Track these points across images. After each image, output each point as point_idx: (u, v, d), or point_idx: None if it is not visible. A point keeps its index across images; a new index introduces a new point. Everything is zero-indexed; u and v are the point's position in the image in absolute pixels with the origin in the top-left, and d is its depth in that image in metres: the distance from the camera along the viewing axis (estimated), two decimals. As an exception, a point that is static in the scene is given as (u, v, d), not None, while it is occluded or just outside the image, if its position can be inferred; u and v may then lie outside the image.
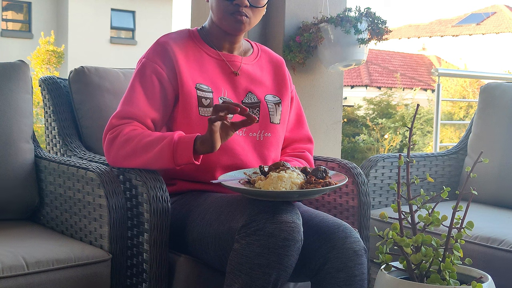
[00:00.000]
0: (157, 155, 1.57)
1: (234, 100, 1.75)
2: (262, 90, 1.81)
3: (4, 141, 1.82)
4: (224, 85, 1.75)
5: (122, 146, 1.61)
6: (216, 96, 1.72)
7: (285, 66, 1.91)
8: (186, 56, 1.72)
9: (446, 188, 1.40)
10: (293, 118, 1.90)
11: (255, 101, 1.78)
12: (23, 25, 17.79)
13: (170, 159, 1.55)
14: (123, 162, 1.63)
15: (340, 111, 3.31)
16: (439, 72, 4.04)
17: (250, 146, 1.74)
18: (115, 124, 1.65)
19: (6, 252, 1.49)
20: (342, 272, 1.48)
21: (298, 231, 1.42)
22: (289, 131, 1.89)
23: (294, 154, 1.86)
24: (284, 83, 1.86)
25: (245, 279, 1.39)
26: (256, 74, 1.81)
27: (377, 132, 11.25)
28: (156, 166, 1.60)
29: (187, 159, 1.54)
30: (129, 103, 1.67)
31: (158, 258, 1.57)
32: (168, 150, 1.55)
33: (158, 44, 1.74)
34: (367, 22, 2.92)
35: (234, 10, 1.69)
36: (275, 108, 1.80)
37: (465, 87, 13.89)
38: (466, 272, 1.41)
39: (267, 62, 1.88)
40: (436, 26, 23.88)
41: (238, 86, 1.77)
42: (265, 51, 1.90)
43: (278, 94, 1.83)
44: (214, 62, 1.76)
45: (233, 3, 1.68)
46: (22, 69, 1.92)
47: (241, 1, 1.68)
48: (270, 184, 1.46)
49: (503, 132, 2.45)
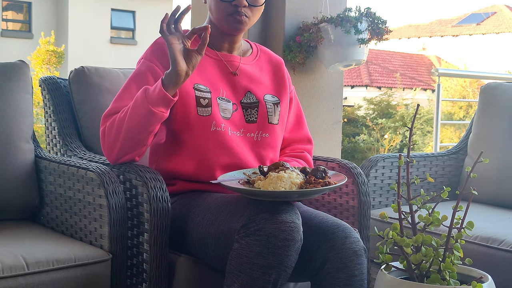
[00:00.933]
0: (133, 109, 1.59)
1: (233, 101, 1.75)
2: (261, 89, 1.81)
3: (4, 141, 1.82)
4: (222, 85, 1.75)
5: (110, 129, 1.63)
6: (214, 96, 1.72)
7: (284, 66, 1.91)
8: None
9: (446, 188, 1.40)
10: (293, 118, 1.90)
11: (254, 100, 1.78)
12: (23, 25, 17.80)
13: (144, 102, 1.57)
14: (116, 143, 1.63)
15: (340, 111, 3.31)
16: (439, 72, 4.04)
17: (248, 146, 1.74)
18: (103, 122, 1.66)
19: (6, 252, 1.49)
20: (342, 272, 1.48)
21: (298, 231, 1.42)
22: (289, 132, 1.89)
23: (293, 155, 1.86)
24: (283, 84, 1.86)
25: (245, 279, 1.39)
26: (255, 74, 1.81)
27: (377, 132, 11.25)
28: (136, 119, 1.59)
29: (158, 92, 1.56)
30: (119, 99, 1.68)
31: (158, 258, 1.57)
32: (140, 96, 1.59)
33: (156, 44, 1.74)
34: (367, 22, 2.92)
35: (233, 10, 1.69)
36: (274, 108, 1.80)
37: (465, 87, 13.90)
38: (466, 272, 1.41)
39: (267, 63, 1.87)
40: (436, 26, 23.88)
41: (237, 86, 1.77)
42: (264, 52, 1.90)
43: (277, 94, 1.83)
44: (212, 62, 1.76)
45: (232, 4, 1.68)
46: (22, 69, 1.92)
47: (239, 1, 1.68)
48: (269, 184, 1.46)
49: (503, 132, 2.45)
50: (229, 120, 1.72)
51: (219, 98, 1.73)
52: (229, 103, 1.74)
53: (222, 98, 1.73)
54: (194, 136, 1.69)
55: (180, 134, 1.70)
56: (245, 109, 1.76)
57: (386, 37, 2.96)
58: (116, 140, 1.62)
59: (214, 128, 1.68)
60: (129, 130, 1.60)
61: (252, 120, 1.76)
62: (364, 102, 12.59)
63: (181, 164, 1.71)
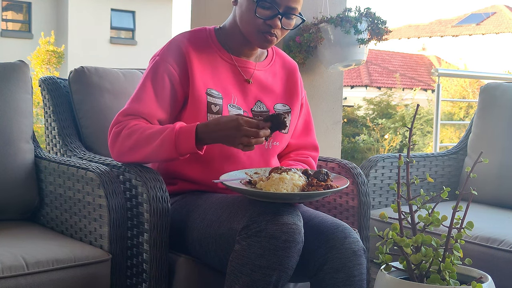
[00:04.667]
0: (159, 145, 1.56)
1: (244, 108, 1.73)
2: (272, 98, 1.79)
3: (4, 141, 1.82)
4: (234, 92, 1.72)
5: (126, 138, 1.60)
6: (225, 102, 1.69)
7: (298, 71, 1.89)
8: (200, 58, 1.69)
9: (446, 188, 1.40)
10: (301, 124, 1.88)
11: (264, 110, 1.76)
12: (23, 25, 17.79)
13: (172, 148, 1.55)
14: (128, 155, 1.62)
15: (340, 111, 3.31)
16: (439, 72, 4.04)
17: (258, 154, 1.73)
18: (121, 120, 1.64)
19: (6, 252, 1.49)
20: (341, 273, 1.48)
21: (299, 233, 1.42)
22: (296, 138, 1.86)
23: (297, 159, 1.84)
24: (296, 91, 1.84)
25: (245, 280, 1.39)
26: (267, 81, 1.79)
27: (377, 132, 11.25)
28: (160, 156, 1.59)
29: (190, 148, 1.54)
30: (138, 101, 1.65)
31: (158, 258, 1.57)
32: (169, 139, 1.55)
33: (173, 43, 1.70)
34: (367, 22, 2.92)
35: (265, 29, 1.66)
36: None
37: (465, 87, 13.89)
38: (466, 272, 1.41)
39: (280, 68, 1.85)
40: (436, 26, 23.88)
41: (249, 94, 1.75)
42: (279, 55, 1.87)
43: (288, 103, 1.81)
44: (227, 67, 1.74)
45: (266, 23, 1.65)
46: (22, 69, 1.92)
47: (275, 23, 1.65)
48: (271, 185, 1.46)
49: (503, 132, 2.45)
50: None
51: (230, 105, 1.70)
52: (240, 111, 1.71)
53: (233, 105, 1.71)
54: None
55: None
56: (256, 118, 1.71)
57: (386, 37, 2.96)
58: (128, 153, 1.61)
59: None
60: (148, 157, 1.61)
61: None
62: (364, 102, 12.58)
63: (184, 167, 1.70)
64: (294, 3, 1.66)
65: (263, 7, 1.64)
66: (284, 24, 1.68)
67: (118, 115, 1.65)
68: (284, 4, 1.65)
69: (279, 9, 1.65)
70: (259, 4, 1.64)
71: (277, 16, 1.65)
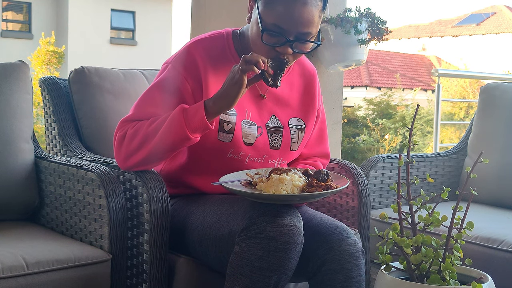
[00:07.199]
0: (167, 128, 1.50)
1: (258, 123, 1.65)
2: (287, 113, 1.70)
3: (4, 141, 1.82)
4: (249, 107, 1.64)
5: (132, 137, 1.55)
6: (239, 119, 1.62)
7: (316, 78, 1.78)
8: (216, 71, 1.60)
9: (446, 189, 1.40)
10: (316, 133, 1.81)
11: (278, 125, 1.68)
12: (23, 26, 17.79)
13: (182, 125, 1.48)
14: (137, 153, 1.55)
15: (340, 112, 3.31)
16: (439, 73, 4.04)
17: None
18: (124, 125, 1.59)
19: (6, 252, 1.49)
20: (339, 274, 1.48)
21: (299, 234, 1.42)
22: (310, 147, 1.80)
23: (306, 162, 1.80)
24: (312, 103, 1.75)
25: (245, 282, 1.39)
26: (283, 94, 1.69)
27: (377, 133, 11.24)
28: (169, 139, 1.50)
29: (200, 120, 1.48)
30: (143, 109, 1.59)
31: (158, 258, 1.57)
32: (178, 117, 1.49)
33: (188, 51, 1.60)
34: (367, 22, 2.92)
35: (275, 55, 1.53)
36: (298, 135, 1.71)
37: (465, 87, 13.89)
38: (466, 273, 1.41)
39: (298, 76, 1.74)
40: (436, 27, 23.88)
41: (263, 108, 1.67)
42: (299, 62, 1.74)
43: (303, 118, 1.73)
44: None
45: (275, 49, 1.52)
46: (22, 70, 1.92)
47: (285, 51, 1.52)
48: (271, 187, 1.46)
49: (503, 132, 2.45)
50: (252, 146, 1.64)
51: (244, 122, 1.63)
52: (254, 127, 1.64)
53: (247, 122, 1.64)
54: (209, 159, 1.64)
55: (195, 153, 1.64)
56: (270, 134, 1.66)
57: (386, 37, 2.96)
58: (137, 151, 1.55)
59: (231, 155, 1.62)
60: (157, 147, 1.52)
61: (276, 146, 1.68)
62: (364, 102, 12.58)
63: (187, 176, 1.68)
64: (307, 28, 1.51)
65: (270, 35, 1.52)
66: (297, 49, 1.53)
67: (122, 121, 1.60)
68: (295, 31, 1.51)
69: (289, 37, 1.51)
70: (265, 32, 1.52)
71: (286, 43, 1.51)
